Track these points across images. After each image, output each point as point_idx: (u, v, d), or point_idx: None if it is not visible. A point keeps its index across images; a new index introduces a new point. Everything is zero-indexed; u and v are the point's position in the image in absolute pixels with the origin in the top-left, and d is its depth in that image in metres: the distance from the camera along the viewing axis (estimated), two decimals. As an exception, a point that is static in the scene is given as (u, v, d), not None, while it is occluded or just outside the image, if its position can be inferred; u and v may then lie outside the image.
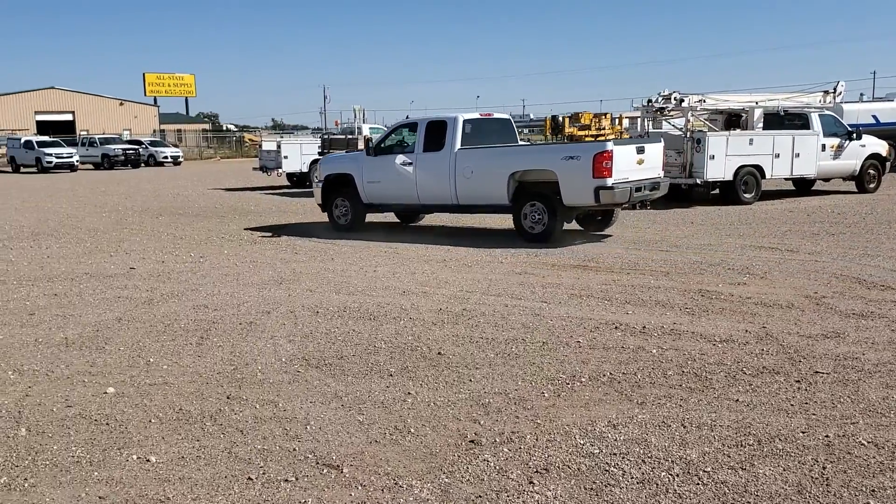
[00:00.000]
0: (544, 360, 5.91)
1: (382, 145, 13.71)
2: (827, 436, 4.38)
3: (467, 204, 12.79)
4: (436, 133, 12.97)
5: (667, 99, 17.03)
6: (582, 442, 4.38)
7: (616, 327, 6.77)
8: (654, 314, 7.21)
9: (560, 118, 66.56)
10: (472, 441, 4.43)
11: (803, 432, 4.44)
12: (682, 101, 16.83)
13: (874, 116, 27.64)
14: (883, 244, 10.90)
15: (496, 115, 13.97)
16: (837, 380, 5.30)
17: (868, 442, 4.28)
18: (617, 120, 68.55)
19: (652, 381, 5.39)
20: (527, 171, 12.04)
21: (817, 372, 5.47)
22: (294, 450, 4.36)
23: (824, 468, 3.98)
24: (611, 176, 11.15)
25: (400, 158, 13.18)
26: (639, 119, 18.85)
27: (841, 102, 21.12)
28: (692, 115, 17.11)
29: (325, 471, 4.09)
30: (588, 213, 12.73)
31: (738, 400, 4.98)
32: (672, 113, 17.51)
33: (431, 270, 9.78)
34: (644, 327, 6.73)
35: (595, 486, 3.84)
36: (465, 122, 12.85)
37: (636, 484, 3.86)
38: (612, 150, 11.21)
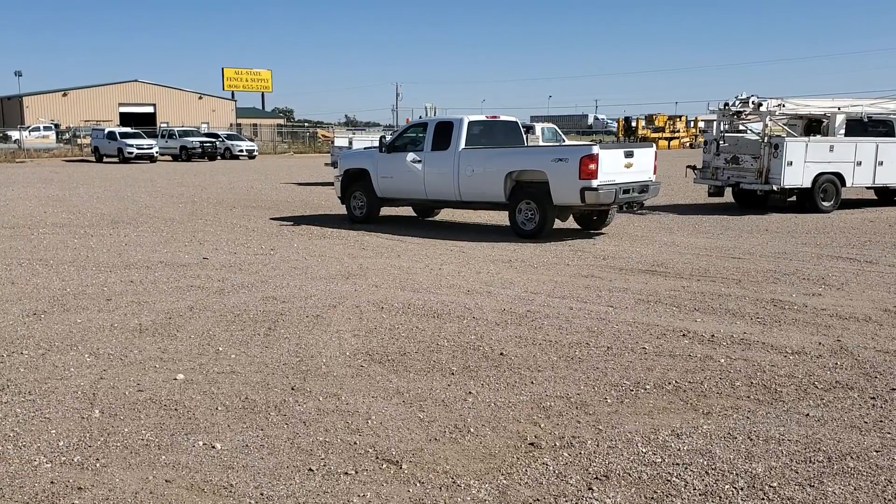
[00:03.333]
0: (608, 365, 5.84)
1: (396, 143, 14.52)
2: (902, 456, 4.21)
3: (469, 200, 13.62)
4: (443, 133, 13.71)
5: (744, 103, 16.61)
6: (644, 450, 4.31)
7: (684, 335, 6.64)
8: (723, 323, 7.05)
9: (633, 120, 65.71)
10: (531, 444, 4.41)
11: (877, 451, 4.28)
12: (760, 105, 16.38)
13: (966, 124, 26.37)
14: (971, 258, 10.41)
15: (503, 118, 14.70)
16: (916, 398, 5.09)
17: (947, 465, 4.10)
18: (692, 122, 67.25)
19: (719, 391, 5.27)
20: (522, 171, 12.78)
21: (894, 389, 5.26)
22: (355, 443, 4.41)
23: (898, 490, 3.83)
24: (596, 178, 11.83)
25: (410, 156, 14.01)
26: (714, 122, 18.40)
27: (930, 109, 20.21)
28: (770, 120, 16.63)
29: (384, 466, 4.13)
30: (584, 212, 13.24)
31: (808, 414, 4.83)
32: (749, 117, 17.06)
33: (497, 270, 9.76)
34: (713, 336, 6.59)
35: (656, 496, 3.78)
36: (470, 123, 13.64)
37: (698, 496, 3.78)
38: (597, 154, 11.86)
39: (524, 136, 15.19)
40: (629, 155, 12.57)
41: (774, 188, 16.28)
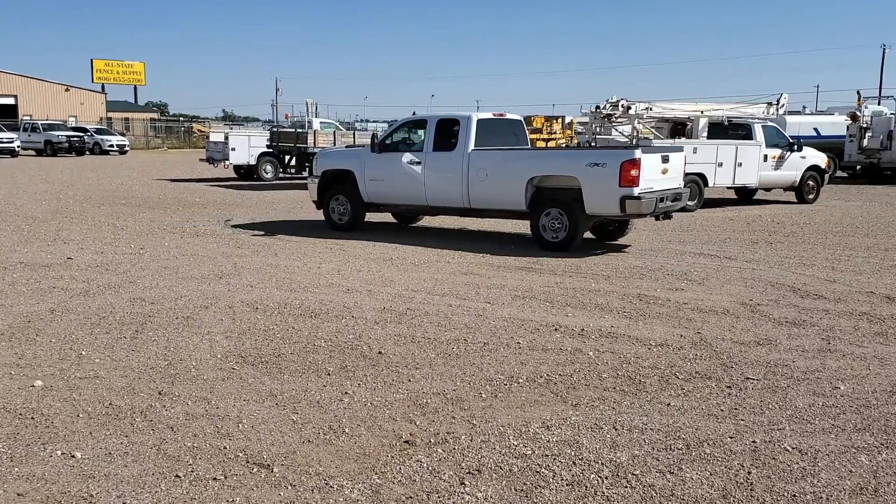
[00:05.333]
0: (484, 360, 5.94)
1: (387, 142, 13.14)
2: (754, 441, 4.48)
3: (480, 208, 12.23)
4: (447, 132, 12.46)
5: (615, 106, 17.26)
6: (515, 443, 4.41)
7: (556, 329, 6.83)
8: (593, 317, 7.30)
9: (513, 120, 66.84)
10: (406, 441, 4.42)
11: (731, 437, 4.53)
12: (629, 108, 17.07)
13: (815, 129, 28.47)
14: (819, 254, 11.20)
15: (508, 116, 13.51)
16: (767, 386, 5.43)
17: (793, 448, 4.39)
18: (568, 124, 69.11)
19: (587, 383, 5.46)
20: (548, 176, 11.56)
21: (748, 378, 5.59)
22: (225, 448, 4.29)
23: (749, 473, 4.07)
24: (638, 185, 10.71)
25: (407, 157, 12.58)
26: (588, 124, 19.04)
27: (784, 114, 21.70)
28: (639, 123, 17.35)
29: (255, 470, 4.04)
30: (603, 221, 12.05)
31: (669, 404, 5.06)
32: (619, 119, 17.74)
33: (377, 269, 9.74)
34: (583, 330, 6.81)
35: (525, 488, 3.87)
36: (479, 121, 12.34)
37: (566, 486, 3.90)
38: (640, 159, 10.75)
39: (528, 136, 14.00)
40: (665, 160, 11.45)
41: (643, 188, 16.96)
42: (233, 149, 25.63)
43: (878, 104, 34.52)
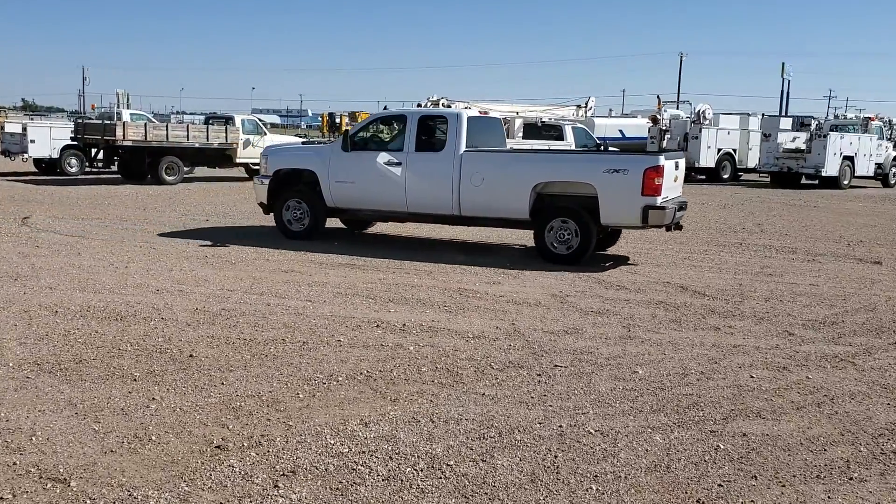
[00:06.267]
0: (303, 360, 5.85)
1: (356, 139, 11.79)
2: (560, 426, 4.70)
3: (473, 216, 11.06)
4: (432, 130, 11.43)
5: (436, 104, 17.59)
6: (332, 442, 4.38)
7: (377, 325, 6.85)
8: (414, 312, 7.38)
9: (338, 116, 66.71)
10: (218, 447, 4.27)
11: (540, 423, 4.74)
12: (449, 106, 17.45)
13: (620, 131, 30.51)
14: (621, 248, 11.93)
15: (491, 115, 12.59)
16: (574, 373, 5.72)
17: (595, 430, 4.65)
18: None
19: (407, 377, 5.51)
20: (556, 182, 10.55)
21: (556, 365, 5.87)
22: (15, 464, 3.96)
23: (556, 457, 4.27)
24: (660, 194, 9.91)
25: (384, 157, 11.26)
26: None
27: (592, 117, 23.01)
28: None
29: (49, 485, 3.75)
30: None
31: (484, 394, 5.22)
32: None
33: (190, 267, 9.34)
34: (404, 325, 6.87)
35: (341, 486, 3.85)
36: (469, 119, 11.30)
37: (382, 481, 3.92)
38: (664, 165, 9.90)
39: (505, 137, 12.97)
40: (677, 167, 10.64)
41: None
42: (32, 141, 23.79)
43: (677, 108, 37.34)
